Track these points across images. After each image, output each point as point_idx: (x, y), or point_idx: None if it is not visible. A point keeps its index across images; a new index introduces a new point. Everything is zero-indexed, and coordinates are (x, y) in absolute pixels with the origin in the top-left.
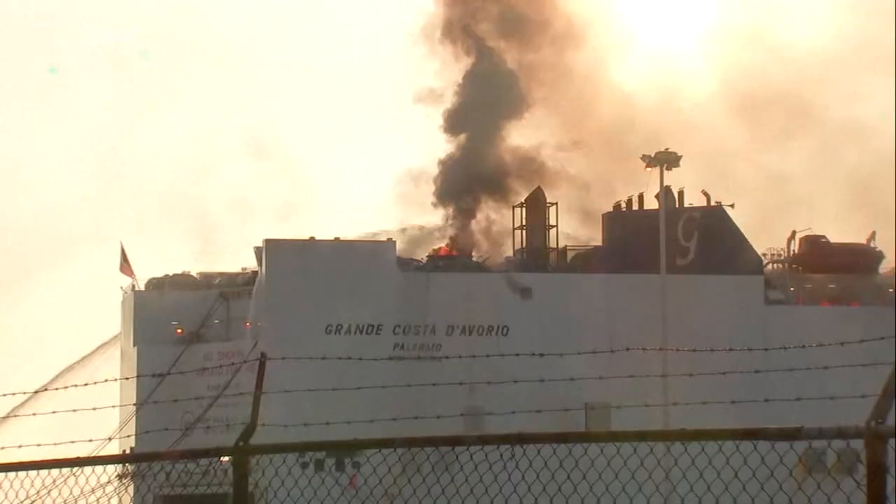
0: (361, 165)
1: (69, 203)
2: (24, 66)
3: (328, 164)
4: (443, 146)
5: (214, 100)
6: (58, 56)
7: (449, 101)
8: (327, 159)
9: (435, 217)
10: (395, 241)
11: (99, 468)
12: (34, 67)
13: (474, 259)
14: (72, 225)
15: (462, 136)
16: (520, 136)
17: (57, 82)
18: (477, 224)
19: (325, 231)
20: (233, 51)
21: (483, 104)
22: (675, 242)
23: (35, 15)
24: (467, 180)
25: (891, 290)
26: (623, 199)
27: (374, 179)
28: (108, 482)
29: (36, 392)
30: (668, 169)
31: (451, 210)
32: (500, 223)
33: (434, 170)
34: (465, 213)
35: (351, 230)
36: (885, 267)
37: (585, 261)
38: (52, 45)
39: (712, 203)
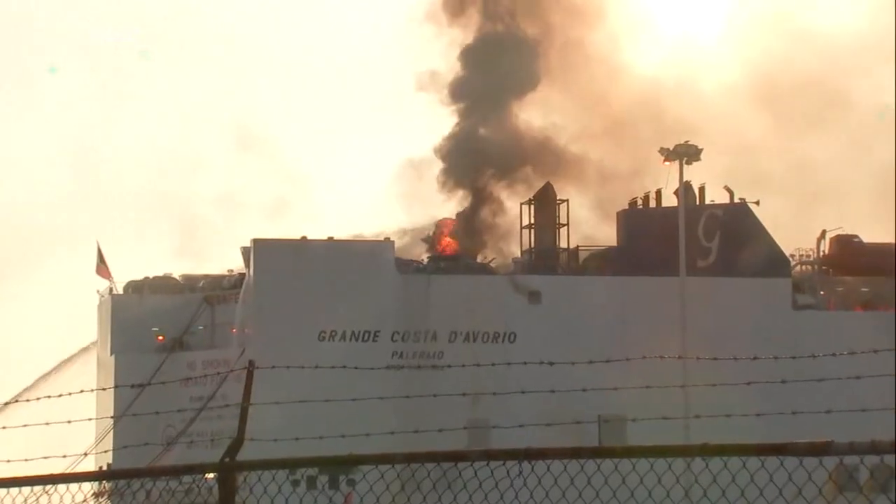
0: (358, 160)
1: (43, 201)
2: (24, 65)
3: (322, 158)
4: (448, 128)
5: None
6: (58, 56)
7: (455, 73)
8: (321, 153)
9: (441, 210)
10: (393, 241)
11: (74, 486)
12: (35, 67)
13: (479, 260)
14: (46, 224)
15: (468, 109)
16: (532, 115)
17: (57, 82)
18: (484, 219)
19: (318, 230)
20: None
21: (493, 70)
22: (696, 242)
23: (35, 15)
24: (476, 158)
25: None
26: (639, 195)
27: (371, 175)
28: (84, 501)
29: (6, 403)
30: (687, 163)
31: (459, 190)
32: (507, 221)
33: (438, 160)
34: (476, 195)
35: (346, 229)
36: None
37: (599, 262)
38: (53, 45)
39: (736, 200)
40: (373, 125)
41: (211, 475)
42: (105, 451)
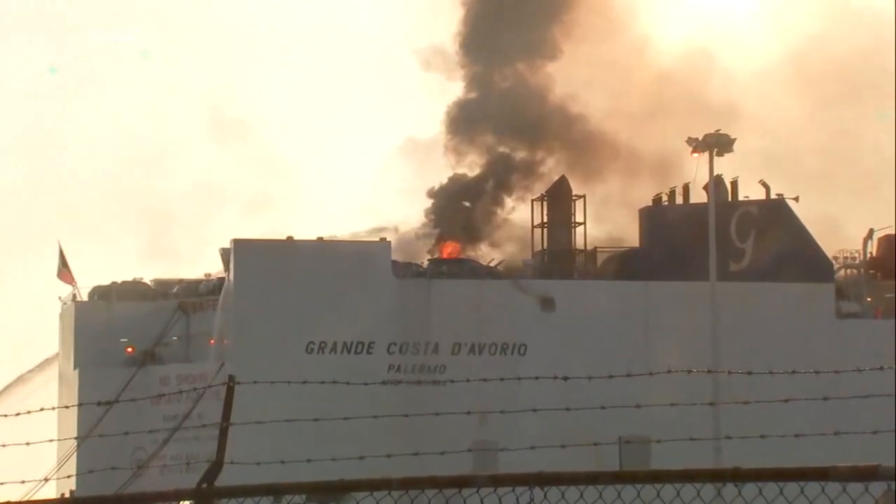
0: (351, 150)
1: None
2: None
3: (310, 147)
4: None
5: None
6: (58, 56)
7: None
8: (309, 142)
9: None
10: (390, 242)
11: None
12: (35, 67)
13: (486, 263)
14: (3, 225)
15: (481, 70)
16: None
17: (57, 82)
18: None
19: (305, 229)
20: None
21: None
22: (728, 243)
23: (35, 15)
24: (489, 121)
25: None
26: (664, 190)
27: (366, 167)
28: None
29: None
30: (718, 154)
31: (472, 157)
32: (514, 218)
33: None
34: (494, 163)
35: (337, 228)
36: None
37: (619, 265)
38: (53, 45)
39: (772, 196)
40: (367, 110)
41: (187, 503)
42: (68, 477)
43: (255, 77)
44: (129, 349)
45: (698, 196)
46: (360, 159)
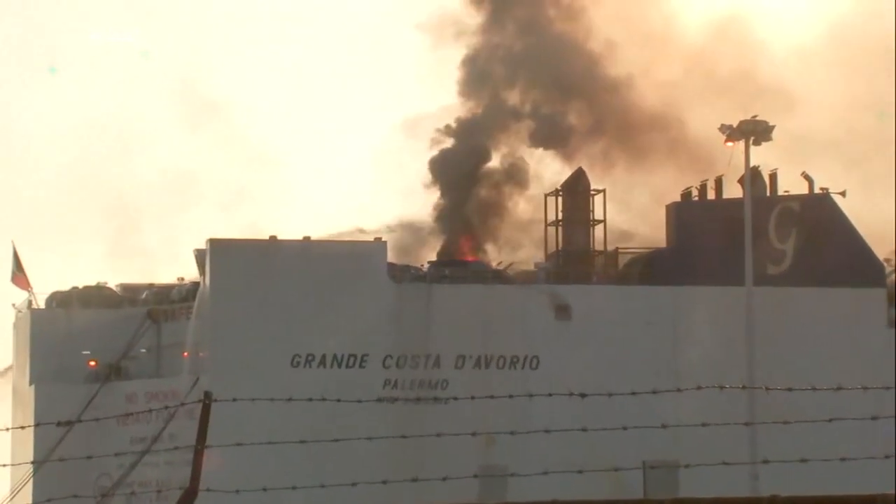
0: (342, 139)
1: None
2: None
3: (296, 135)
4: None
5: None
6: (59, 56)
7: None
8: (294, 129)
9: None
10: (385, 242)
11: None
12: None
13: (493, 265)
14: None
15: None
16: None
17: (58, 82)
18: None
19: (291, 228)
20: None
21: None
22: (766, 243)
23: (35, 15)
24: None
25: None
26: (694, 183)
27: (358, 158)
28: None
29: None
30: (756, 143)
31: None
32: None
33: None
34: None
35: (326, 227)
36: None
37: (644, 268)
38: (53, 45)
39: (816, 190)
40: (362, 94)
41: None
42: None
43: (233, 55)
44: (92, 362)
45: (732, 190)
46: (353, 149)
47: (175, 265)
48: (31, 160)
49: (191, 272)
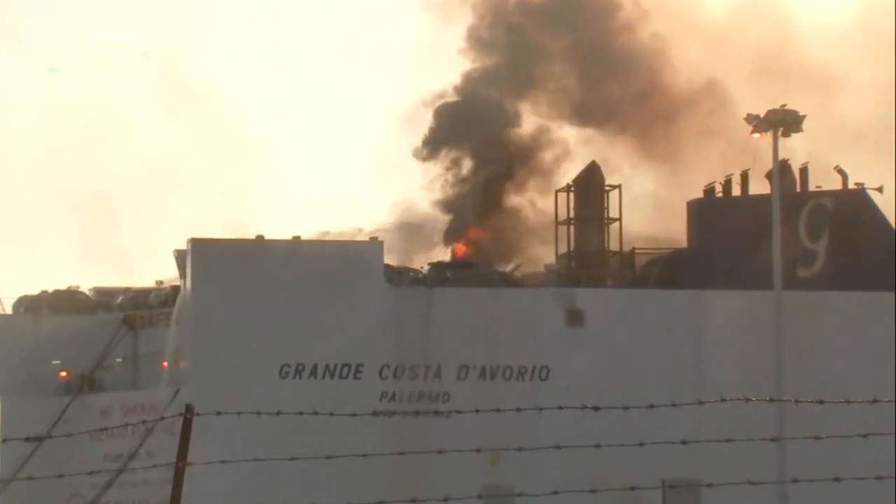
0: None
1: None
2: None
3: (285, 124)
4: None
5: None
6: (59, 56)
7: None
8: (284, 118)
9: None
10: (382, 242)
11: None
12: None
13: (499, 268)
14: None
15: None
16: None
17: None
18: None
19: (279, 227)
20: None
21: None
22: (796, 243)
23: (35, 15)
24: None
25: None
26: (717, 179)
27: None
28: None
29: None
30: (784, 135)
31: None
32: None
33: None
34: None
35: (317, 225)
36: None
37: (663, 270)
38: (53, 45)
39: (851, 185)
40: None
41: None
42: None
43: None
44: (63, 373)
45: (759, 186)
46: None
47: (154, 267)
48: None
49: (171, 274)
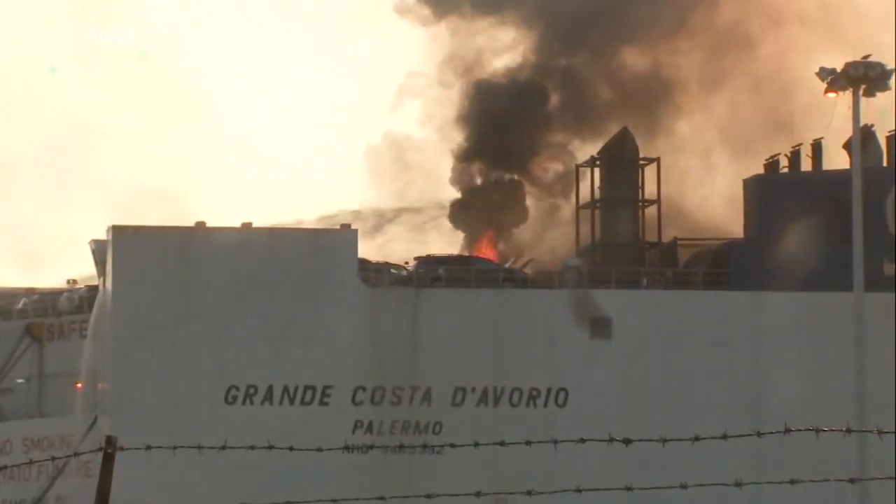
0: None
1: None
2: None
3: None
4: None
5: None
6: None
7: None
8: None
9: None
10: (356, 230)
11: None
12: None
13: (504, 262)
14: None
15: None
16: None
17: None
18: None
19: (226, 213)
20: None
21: None
22: (881, 231)
23: (35, 15)
24: None
25: None
26: (782, 149)
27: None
28: None
29: None
30: (867, 94)
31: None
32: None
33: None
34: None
35: (275, 213)
36: None
37: (713, 266)
38: (53, 44)
39: None
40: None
41: None
42: None
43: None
44: None
45: (835, 159)
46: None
47: (64, 264)
48: None
49: (86, 272)
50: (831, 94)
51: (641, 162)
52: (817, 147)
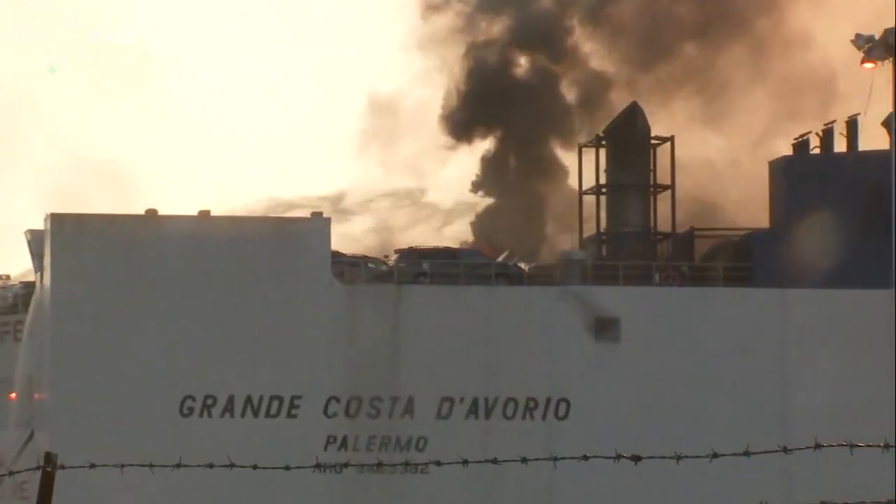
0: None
1: None
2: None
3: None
4: None
5: None
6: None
7: None
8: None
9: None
10: (329, 219)
11: None
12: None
13: (496, 255)
14: None
15: None
16: None
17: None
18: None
19: (180, 200)
20: None
21: None
22: None
23: (35, 15)
24: None
25: None
26: (812, 129)
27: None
28: None
29: None
30: None
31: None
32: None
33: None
34: None
35: (235, 197)
36: None
37: (735, 259)
38: (53, 45)
39: None
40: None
41: None
42: None
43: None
44: None
45: (872, 139)
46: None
47: None
48: None
49: (20, 266)
50: (868, 65)
51: (653, 141)
52: (852, 125)
